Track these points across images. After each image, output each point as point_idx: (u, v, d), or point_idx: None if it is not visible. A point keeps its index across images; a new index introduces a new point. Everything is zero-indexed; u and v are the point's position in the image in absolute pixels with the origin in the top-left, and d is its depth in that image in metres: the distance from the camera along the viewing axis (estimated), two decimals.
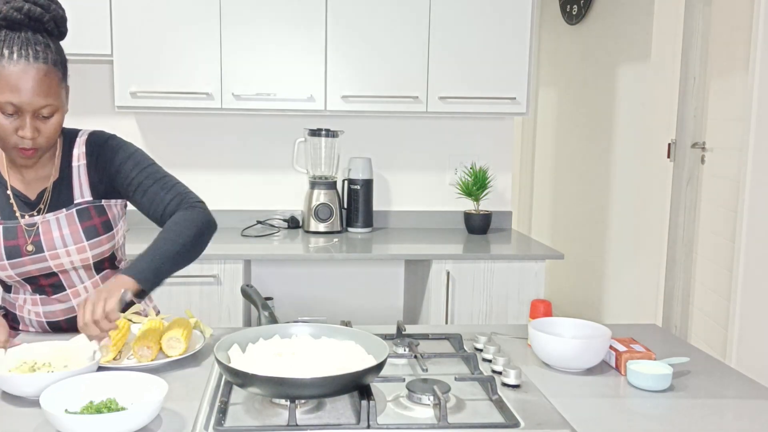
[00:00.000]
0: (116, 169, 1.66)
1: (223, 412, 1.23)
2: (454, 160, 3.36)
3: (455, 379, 1.36)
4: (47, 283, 1.67)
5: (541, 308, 1.68)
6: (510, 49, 2.98)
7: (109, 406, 1.19)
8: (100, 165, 1.66)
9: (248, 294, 1.69)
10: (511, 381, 1.37)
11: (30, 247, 1.61)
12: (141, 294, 1.52)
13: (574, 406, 1.32)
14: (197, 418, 1.22)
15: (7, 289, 1.73)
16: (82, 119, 3.16)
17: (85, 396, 1.24)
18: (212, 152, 3.26)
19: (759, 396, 1.39)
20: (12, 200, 1.63)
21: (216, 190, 3.28)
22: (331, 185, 3.15)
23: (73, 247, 1.62)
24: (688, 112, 3.44)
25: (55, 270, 1.64)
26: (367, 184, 3.18)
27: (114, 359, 1.48)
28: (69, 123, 1.72)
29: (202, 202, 1.67)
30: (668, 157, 3.53)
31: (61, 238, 1.62)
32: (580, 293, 4.52)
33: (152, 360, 1.47)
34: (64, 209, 1.63)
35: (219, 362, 1.23)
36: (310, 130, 3.16)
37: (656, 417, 1.28)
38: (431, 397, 1.26)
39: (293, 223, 3.25)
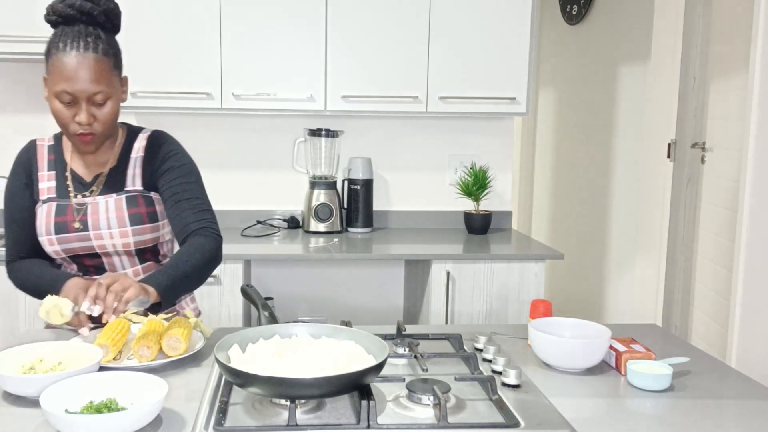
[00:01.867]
0: (162, 171, 1.74)
1: (223, 412, 1.23)
2: (454, 160, 3.36)
3: (455, 379, 1.36)
4: (91, 264, 1.74)
5: (541, 308, 1.68)
6: (510, 49, 2.98)
7: (109, 406, 1.19)
8: (154, 162, 1.75)
9: (248, 294, 1.69)
10: (511, 381, 1.37)
11: (77, 225, 1.69)
12: (155, 308, 1.56)
13: (574, 406, 1.32)
14: (197, 418, 1.22)
15: (56, 268, 1.79)
16: None
17: (85, 396, 1.24)
18: (212, 152, 3.26)
19: (759, 396, 1.39)
20: (69, 181, 1.73)
21: (216, 190, 3.28)
22: (331, 185, 3.15)
23: (116, 230, 1.69)
24: (688, 112, 3.43)
25: (98, 251, 1.71)
26: (367, 184, 3.18)
27: (114, 359, 1.48)
28: None
29: (220, 237, 1.74)
30: (668, 157, 3.53)
31: (107, 220, 1.69)
32: (580, 293, 4.52)
33: (152, 360, 1.47)
34: (114, 194, 1.72)
35: (219, 362, 1.23)
36: (310, 130, 3.16)
37: (656, 417, 1.28)
38: (431, 397, 1.26)
39: (293, 223, 3.25)
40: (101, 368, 1.39)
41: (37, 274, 1.69)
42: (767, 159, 2.68)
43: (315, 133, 3.14)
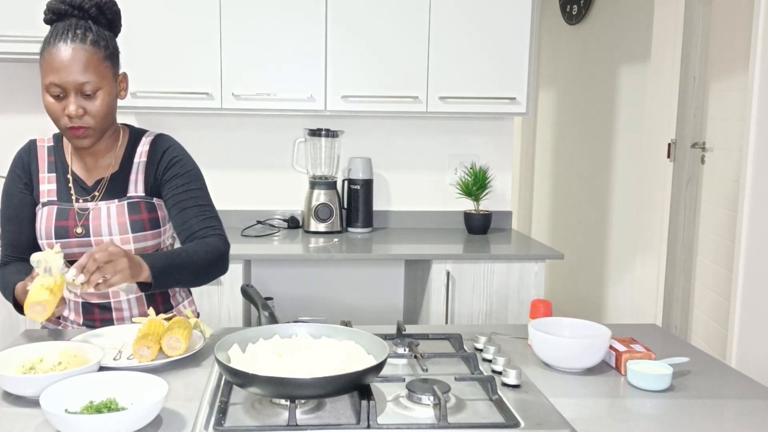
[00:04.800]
0: (167, 178, 1.72)
1: (223, 412, 1.23)
2: (454, 160, 3.36)
3: (455, 379, 1.36)
4: None
5: (541, 308, 1.68)
6: (510, 49, 2.98)
7: (109, 406, 1.19)
8: (158, 168, 1.72)
9: (248, 294, 1.69)
10: (511, 381, 1.37)
11: (79, 230, 1.67)
12: (144, 287, 1.55)
13: (574, 406, 1.32)
14: (197, 418, 1.22)
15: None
16: None
17: (85, 396, 1.24)
18: (212, 152, 3.26)
19: (759, 396, 1.39)
20: (71, 184, 1.70)
21: (216, 190, 3.26)
22: (331, 185, 3.15)
23: (117, 236, 1.67)
24: (688, 112, 3.43)
25: None
26: (367, 184, 3.18)
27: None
28: None
29: (228, 244, 1.72)
30: (668, 157, 3.53)
31: (108, 227, 1.67)
32: (580, 293, 4.52)
33: (152, 360, 1.47)
34: (116, 200, 1.69)
35: (219, 362, 1.23)
36: (310, 130, 3.16)
37: (656, 417, 1.28)
38: (431, 397, 1.26)
39: (293, 223, 3.25)
40: (101, 368, 1.39)
41: (8, 279, 1.65)
42: (767, 159, 2.68)
43: (315, 133, 3.14)
